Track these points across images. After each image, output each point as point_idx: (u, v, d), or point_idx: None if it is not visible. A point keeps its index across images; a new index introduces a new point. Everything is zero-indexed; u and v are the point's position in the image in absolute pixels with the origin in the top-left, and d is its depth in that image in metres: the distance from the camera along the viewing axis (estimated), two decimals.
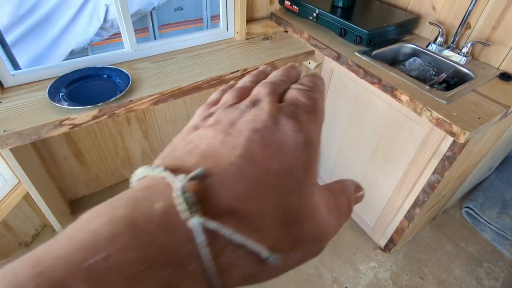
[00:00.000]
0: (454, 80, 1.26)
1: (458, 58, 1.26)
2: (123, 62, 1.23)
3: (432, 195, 1.14)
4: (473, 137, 0.97)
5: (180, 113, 1.60)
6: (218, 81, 1.20)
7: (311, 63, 1.44)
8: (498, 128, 1.15)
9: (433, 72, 1.31)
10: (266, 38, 1.49)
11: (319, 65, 1.42)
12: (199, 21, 2.74)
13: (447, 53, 1.30)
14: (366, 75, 1.16)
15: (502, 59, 1.21)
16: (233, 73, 1.23)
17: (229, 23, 1.44)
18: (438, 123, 0.97)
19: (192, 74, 1.19)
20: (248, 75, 0.23)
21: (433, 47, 1.33)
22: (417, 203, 1.20)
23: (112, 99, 1.00)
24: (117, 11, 1.15)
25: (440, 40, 1.32)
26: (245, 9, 1.39)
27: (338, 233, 0.19)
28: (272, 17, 1.57)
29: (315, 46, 1.38)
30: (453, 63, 1.27)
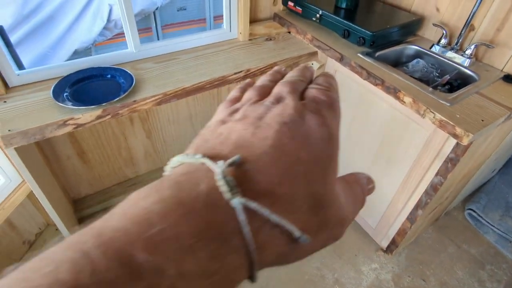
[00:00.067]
0: (458, 82, 1.25)
1: (461, 59, 1.26)
2: (126, 62, 1.23)
3: (434, 197, 1.14)
4: (476, 139, 0.97)
5: (183, 113, 1.60)
6: (221, 81, 1.21)
7: (314, 64, 1.44)
8: (502, 131, 1.15)
9: (436, 74, 1.31)
10: (269, 39, 1.49)
11: (322, 66, 1.42)
12: (202, 21, 2.75)
13: (450, 54, 1.29)
14: (369, 76, 1.16)
15: (506, 61, 1.20)
16: (236, 73, 1.23)
17: (233, 23, 1.44)
18: (442, 125, 0.97)
19: (195, 75, 1.19)
20: (265, 74, 0.24)
21: (437, 49, 1.33)
22: (420, 205, 1.20)
23: (116, 99, 1.00)
24: (121, 11, 1.15)
25: (443, 41, 1.32)
26: (248, 9, 1.39)
27: None
28: (275, 18, 1.57)
29: (318, 47, 1.38)
30: (456, 64, 1.26)
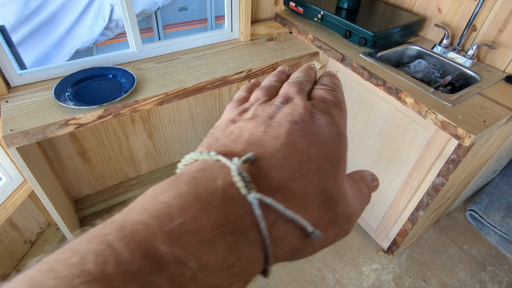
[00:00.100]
0: (460, 82, 1.25)
1: (463, 60, 1.26)
2: (128, 62, 1.24)
3: (436, 198, 1.14)
4: (478, 140, 0.97)
5: (184, 113, 1.60)
6: (223, 82, 1.21)
7: (315, 65, 1.44)
8: (504, 131, 1.15)
9: (438, 75, 1.31)
10: (271, 39, 1.49)
11: (323, 67, 1.41)
12: (203, 22, 2.75)
13: (452, 55, 1.29)
14: (371, 77, 1.16)
15: (508, 62, 1.20)
16: (237, 74, 1.23)
17: (234, 24, 1.44)
18: (443, 126, 0.97)
19: (197, 75, 1.19)
20: (270, 75, 0.25)
21: (439, 49, 1.33)
22: (421, 206, 1.20)
23: (118, 99, 1.00)
24: (123, 11, 1.16)
25: (445, 42, 1.31)
26: (250, 10, 1.39)
27: None
28: (276, 18, 1.57)
29: (319, 47, 1.38)
30: (458, 65, 1.26)
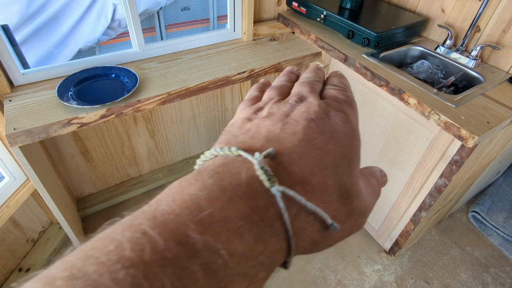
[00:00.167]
0: (463, 83, 1.25)
1: (467, 61, 1.25)
2: (130, 62, 1.24)
3: (438, 199, 1.13)
4: (481, 142, 0.96)
5: (186, 113, 1.60)
6: (225, 81, 1.21)
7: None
8: (507, 133, 1.14)
9: (441, 75, 1.30)
10: (273, 39, 1.49)
11: (326, 67, 1.41)
12: (205, 21, 2.75)
13: (455, 56, 1.28)
14: (374, 77, 1.16)
15: None
16: (239, 74, 1.23)
17: (237, 23, 1.44)
18: (446, 127, 0.97)
19: (199, 75, 1.19)
20: (280, 75, 0.25)
21: (442, 50, 1.32)
22: (424, 207, 1.19)
23: (120, 98, 1.01)
24: (126, 11, 1.16)
25: (448, 42, 1.31)
26: (252, 10, 1.39)
27: None
28: (279, 18, 1.57)
29: (322, 47, 1.37)
30: (461, 66, 1.25)
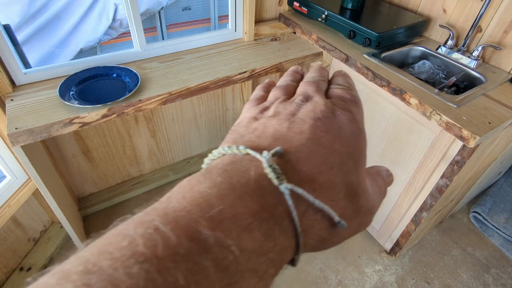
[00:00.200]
0: (464, 83, 1.25)
1: (468, 61, 1.25)
2: (132, 62, 1.24)
3: (440, 199, 1.13)
4: (483, 142, 0.96)
5: (187, 113, 1.61)
6: (226, 81, 1.21)
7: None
8: (509, 133, 1.14)
9: (442, 76, 1.30)
10: (274, 39, 1.49)
11: (327, 67, 1.41)
12: (206, 21, 2.75)
13: (457, 56, 1.28)
14: (375, 77, 1.16)
15: None
16: (241, 74, 1.23)
17: (238, 23, 1.44)
18: (448, 127, 0.97)
19: (200, 75, 1.19)
20: (284, 74, 0.25)
21: (443, 50, 1.32)
22: (425, 207, 1.19)
23: (122, 98, 1.01)
24: (127, 11, 1.16)
25: (450, 43, 1.31)
26: (253, 10, 1.39)
27: None
28: (280, 18, 1.57)
29: (323, 47, 1.37)
30: (463, 66, 1.25)
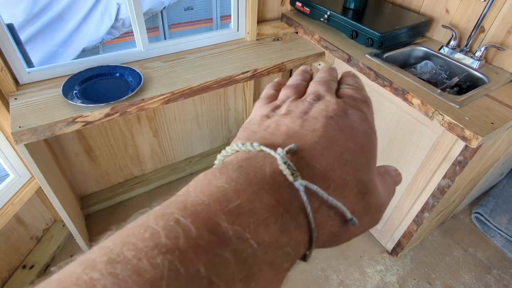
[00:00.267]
0: (467, 84, 1.24)
1: (471, 62, 1.25)
2: (135, 61, 1.24)
3: (441, 200, 1.13)
4: (485, 142, 0.96)
5: (189, 112, 1.61)
6: (228, 81, 1.21)
7: (321, 65, 1.44)
8: (511, 134, 1.14)
9: (445, 76, 1.30)
10: (277, 39, 1.49)
11: None
12: (208, 21, 2.75)
13: (459, 56, 1.28)
14: (377, 77, 1.16)
15: None
16: (243, 73, 1.23)
17: (240, 23, 1.44)
18: (450, 127, 0.97)
19: (203, 74, 1.19)
20: (295, 74, 0.26)
21: (446, 50, 1.32)
22: (426, 208, 1.19)
23: (124, 97, 1.01)
24: (130, 10, 1.16)
25: (453, 43, 1.31)
26: (256, 9, 1.39)
27: None
28: (283, 18, 1.57)
29: (325, 47, 1.37)
30: (466, 66, 1.25)
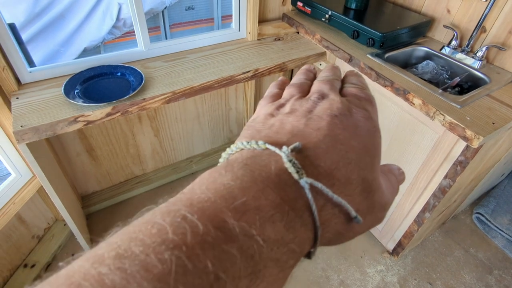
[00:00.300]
0: (468, 84, 1.24)
1: (472, 62, 1.24)
2: (136, 61, 1.25)
3: (442, 200, 1.13)
4: (486, 142, 0.96)
5: (190, 112, 1.61)
6: (229, 81, 1.21)
7: (322, 65, 1.44)
8: None
9: (446, 76, 1.30)
10: (278, 39, 1.49)
11: None
12: (209, 21, 2.76)
13: (461, 56, 1.28)
14: (379, 77, 1.15)
15: None
16: (244, 73, 1.23)
17: (241, 23, 1.44)
18: (451, 127, 0.96)
19: (204, 74, 1.20)
20: (298, 73, 0.26)
21: (447, 51, 1.32)
22: (427, 208, 1.19)
23: (126, 97, 1.01)
24: (131, 10, 1.16)
25: (454, 43, 1.30)
26: (257, 9, 1.39)
27: None
28: (284, 18, 1.57)
29: (327, 47, 1.37)
30: (467, 67, 1.25)
